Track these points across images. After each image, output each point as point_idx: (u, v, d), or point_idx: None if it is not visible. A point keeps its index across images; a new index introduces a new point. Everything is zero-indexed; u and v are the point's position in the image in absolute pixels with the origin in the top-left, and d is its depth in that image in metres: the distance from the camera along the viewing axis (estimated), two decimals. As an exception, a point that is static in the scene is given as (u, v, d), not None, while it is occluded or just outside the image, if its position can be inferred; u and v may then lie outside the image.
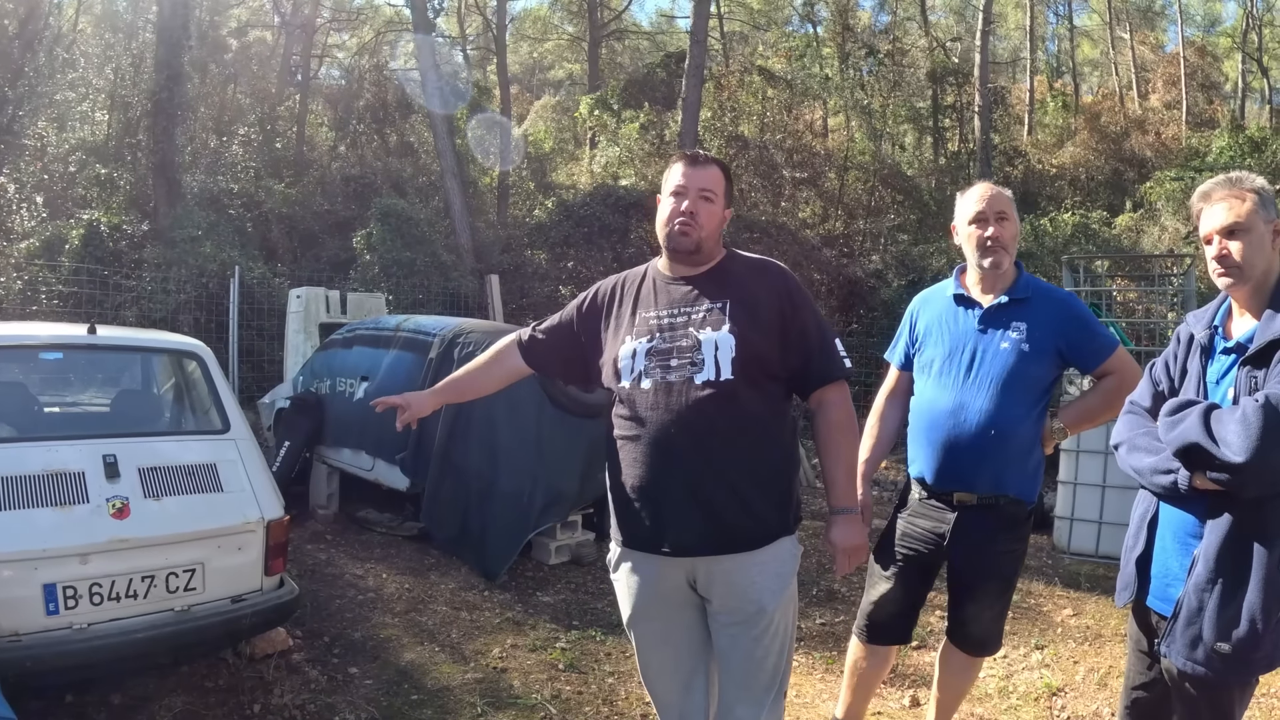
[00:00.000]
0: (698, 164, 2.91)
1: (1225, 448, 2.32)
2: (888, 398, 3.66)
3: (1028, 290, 3.33)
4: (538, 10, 41.10)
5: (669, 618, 2.91)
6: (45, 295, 12.59)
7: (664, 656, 2.98)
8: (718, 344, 2.71)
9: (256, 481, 4.50)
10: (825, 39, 26.56)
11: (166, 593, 4.04)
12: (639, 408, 2.77)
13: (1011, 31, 39.92)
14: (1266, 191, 2.59)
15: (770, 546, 2.76)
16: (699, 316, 2.78)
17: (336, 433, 7.62)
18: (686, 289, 2.86)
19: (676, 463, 2.71)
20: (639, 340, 2.82)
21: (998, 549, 3.31)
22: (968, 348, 3.30)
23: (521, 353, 3.19)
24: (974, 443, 3.22)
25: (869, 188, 22.10)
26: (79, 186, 18.21)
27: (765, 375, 2.76)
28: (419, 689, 4.55)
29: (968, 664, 3.61)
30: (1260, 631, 2.42)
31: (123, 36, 21.72)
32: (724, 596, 2.79)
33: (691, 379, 2.71)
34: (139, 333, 6.37)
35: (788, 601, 2.83)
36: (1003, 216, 3.35)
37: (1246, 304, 2.62)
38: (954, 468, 3.25)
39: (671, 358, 2.76)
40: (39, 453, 4.07)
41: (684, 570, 2.81)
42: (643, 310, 2.89)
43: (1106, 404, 3.31)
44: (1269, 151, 20.08)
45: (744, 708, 2.84)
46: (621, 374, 2.83)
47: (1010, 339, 3.24)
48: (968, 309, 3.37)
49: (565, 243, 15.95)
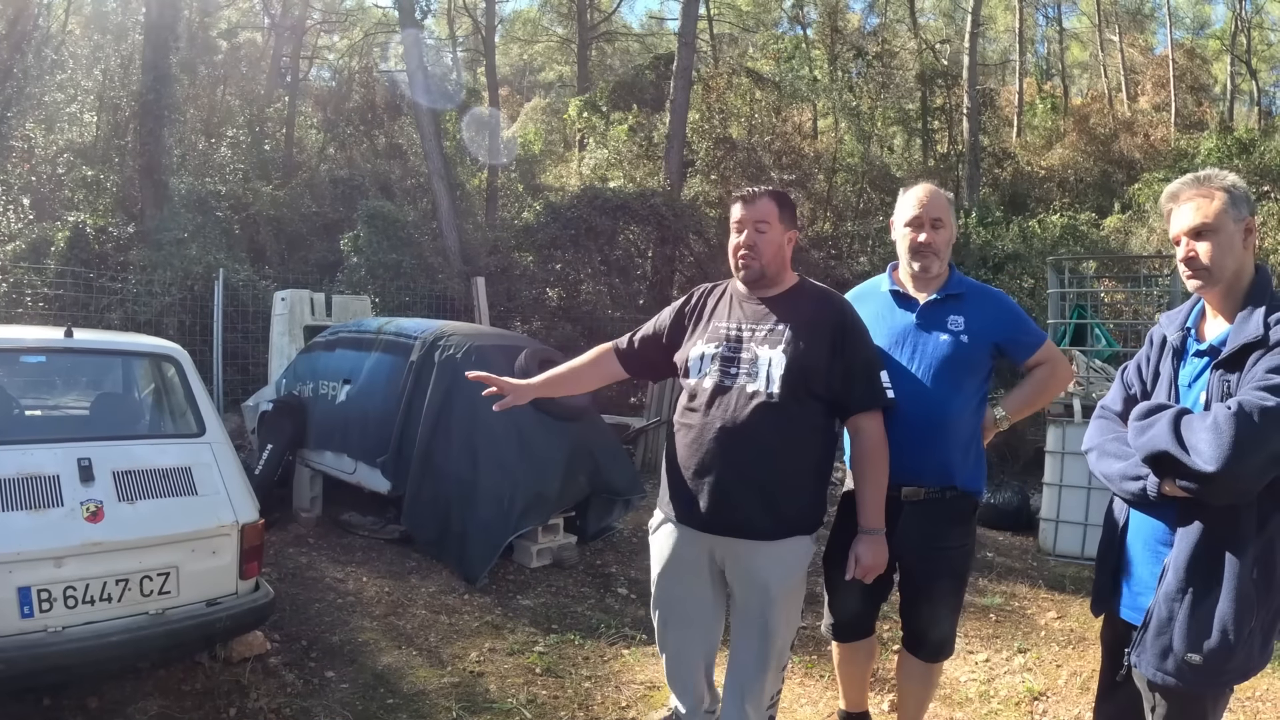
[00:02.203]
0: (751, 201, 3.31)
1: (1196, 456, 2.29)
2: None
3: (961, 287, 3.48)
4: (527, 12, 41.04)
5: (689, 584, 3.37)
6: (30, 298, 12.52)
7: (679, 617, 3.45)
8: (772, 360, 3.14)
9: (231, 485, 4.48)
10: (814, 41, 26.53)
11: (141, 596, 4.03)
12: (697, 402, 3.25)
13: (1000, 34, 39.91)
14: (1237, 190, 2.54)
15: (786, 540, 3.18)
16: (762, 334, 3.22)
17: (319, 436, 7.59)
18: (757, 307, 3.30)
19: (717, 454, 3.15)
20: (710, 345, 3.29)
21: (949, 545, 3.41)
22: (907, 342, 3.42)
23: (619, 358, 3.65)
24: (920, 435, 3.30)
25: (857, 189, 22.11)
26: (66, 188, 18.12)
27: (809, 394, 3.14)
28: (395, 693, 4.53)
29: (928, 671, 3.69)
30: (1232, 642, 2.38)
31: (112, 38, 21.62)
32: (737, 576, 3.27)
33: (745, 387, 3.15)
34: (116, 336, 6.34)
35: (793, 590, 3.26)
36: (938, 223, 3.44)
37: (1219, 306, 2.59)
38: (901, 461, 3.27)
39: (733, 365, 3.21)
40: (14, 456, 4.05)
41: (706, 546, 3.28)
42: (717, 320, 3.35)
43: (1041, 391, 3.56)
44: (1257, 153, 20.12)
45: (747, 674, 3.28)
46: (691, 371, 3.31)
47: (950, 331, 3.38)
48: (904, 305, 3.49)
49: (553, 244, 15.88)
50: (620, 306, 15.64)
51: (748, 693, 3.30)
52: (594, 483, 6.83)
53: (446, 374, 6.67)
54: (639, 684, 4.78)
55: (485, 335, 7.52)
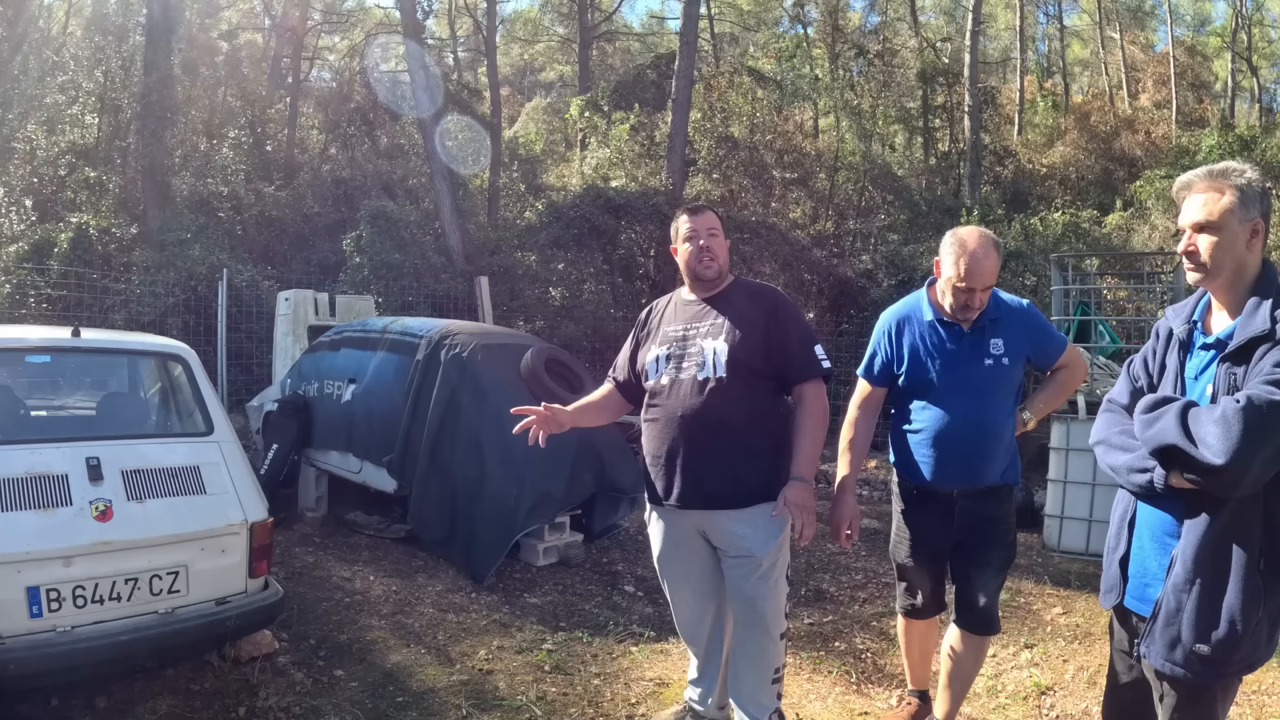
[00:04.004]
0: (697, 212, 3.79)
1: (1204, 449, 2.28)
2: (861, 409, 3.96)
3: (998, 311, 3.72)
4: (528, 12, 41.13)
5: (686, 561, 3.78)
6: (34, 299, 12.52)
7: (685, 593, 3.86)
8: (715, 350, 3.56)
9: (240, 484, 4.48)
10: (815, 40, 26.53)
11: (150, 595, 4.04)
12: (658, 397, 3.67)
13: (1001, 32, 39.93)
14: (1251, 189, 2.48)
15: (755, 507, 3.53)
16: (705, 329, 3.65)
17: (324, 435, 7.60)
18: (699, 308, 3.74)
19: (680, 438, 3.57)
20: (661, 348, 3.73)
21: (999, 520, 3.77)
22: (958, 369, 3.68)
23: (620, 392, 4.03)
24: (979, 449, 3.67)
25: (859, 188, 22.11)
26: (69, 190, 18.11)
27: (753, 374, 3.56)
28: (404, 691, 4.54)
29: (978, 646, 3.93)
30: (1240, 633, 2.39)
31: (113, 39, 21.56)
32: (722, 544, 3.62)
33: (696, 376, 3.57)
34: (123, 335, 6.34)
35: (776, 549, 3.59)
36: (987, 288, 3.60)
37: (1223, 300, 2.58)
38: (962, 471, 3.67)
39: (684, 360, 3.64)
40: (22, 455, 4.06)
41: (692, 522, 3.67)
42: (666, 325, 3.80)
43: (1062, 391, 3.96)
44: (1258, 150, 20.08)
45: (748, 631, 3.64)
46: (649, 373, 3.74)
47: (993, 355, 3.67)
48: (948, 332, 3.71)
49: (555, 244, 15.89)
50: (623, 306, 15.64)
51: (748, 662, 3.68)
52: (600, 481, 6.83)
53: (452, 373, 6.67)
54: (648, 680, 4.79)
55: (491, 334, 7.52)
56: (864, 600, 6.31)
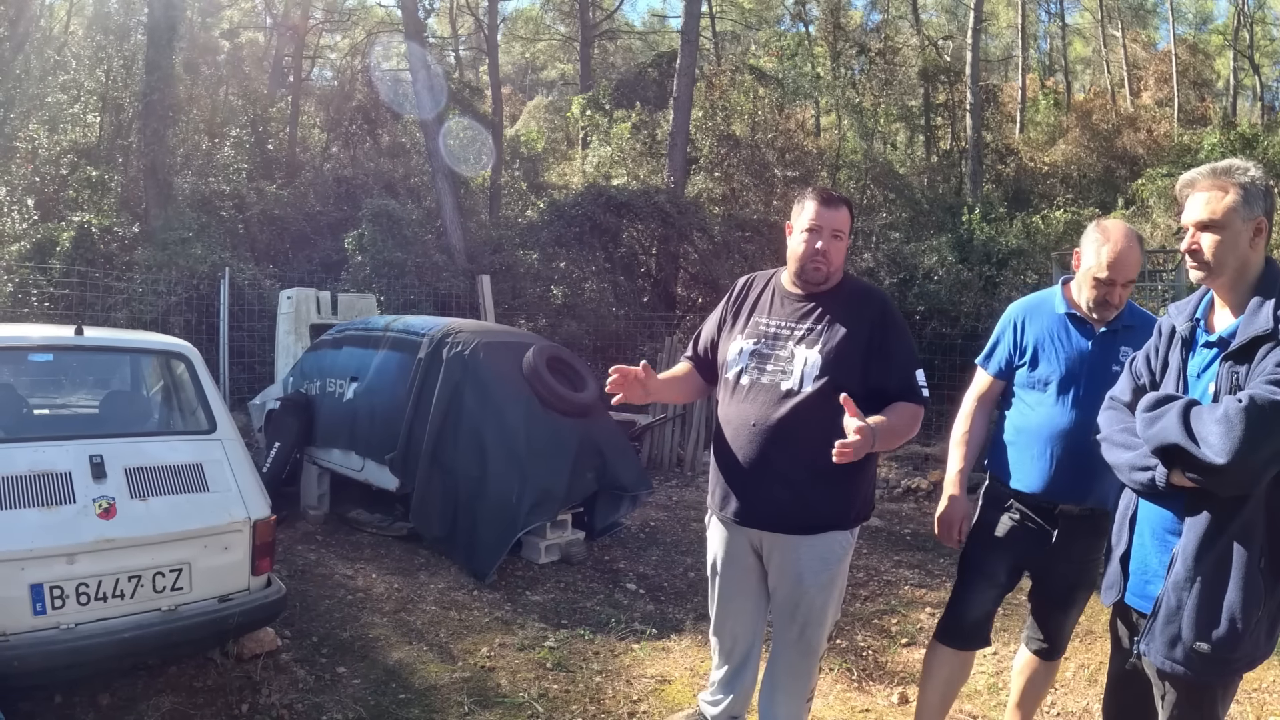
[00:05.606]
0: (830, 204, 3.31)
1: (1206, 448, 2.27)
2: (978, 403, 3.72)
3: (1133, 319, 3.44)
4: (529, 10, 41.07)
5: (742, 576, 3.48)
6: (36, 298, 12.54)
7: (736, 604, 3.54)
8: (807, 359, 3.21)
9: (243, 481, 4.49)
10: (817, 38, 26.53)
11: (153, 593, 4.05)
12: (734, 397, 3.34)
13: (1003, 30, 39.93)
14: (1255, 187, 2.48)
15: (821, 535, 3.27)
16: (800, 333, 3.28)
17: (326, 433, 7.61)
18: (798, 305, 3.35)
19: (750, 451, 3.25)
20: (748, 340, 3.37)
21: (1093, 558, 3.46)
22: (1084, 368, 3.40)
23: (697, 369, 3.68)
24: (1089, 461, 3.29)
25: (860, 186, 22.09)
26: (70, 189, 18.13)
27: (842, 391, 3.05)
28: (406, 688, 4.55)
29: (1050, 670, 3.79)
30: (1240, 631, 2.39)
31: (114, 38, 21.55)
32: (774, 567, 3.36)
33: (778, 385, 3.23)
34: (126, 334, 6.35)
35: (829, 583, 3.32)
36: (1128, 283, 3.39)
37: (1226, 298, 2.57)
38: (1067, 483, 3.36)
39: (769, 363, 3.28)
40: (26, 453, 4.07)
41: (749, 537, 3.39)
42: (758, 315, 3.42)
43: None
44: (1260, 148, 20.05)
45: (793, 652, 3.42)
46: (729, 365, 3.40)
47: (1121, 363, 3.30)
48: (1080, 329, 3.46)
49: (557, 243, 15.89)
50: (624, 304, 15.65)
51: (785, 682, 3.47)
52: (601, 479, 6.83)
53: (454, 371, 6.68)
54: (650, 678, 4.80)
55: (493, 332, 7.53)
56: (865, 598, 6.31)
